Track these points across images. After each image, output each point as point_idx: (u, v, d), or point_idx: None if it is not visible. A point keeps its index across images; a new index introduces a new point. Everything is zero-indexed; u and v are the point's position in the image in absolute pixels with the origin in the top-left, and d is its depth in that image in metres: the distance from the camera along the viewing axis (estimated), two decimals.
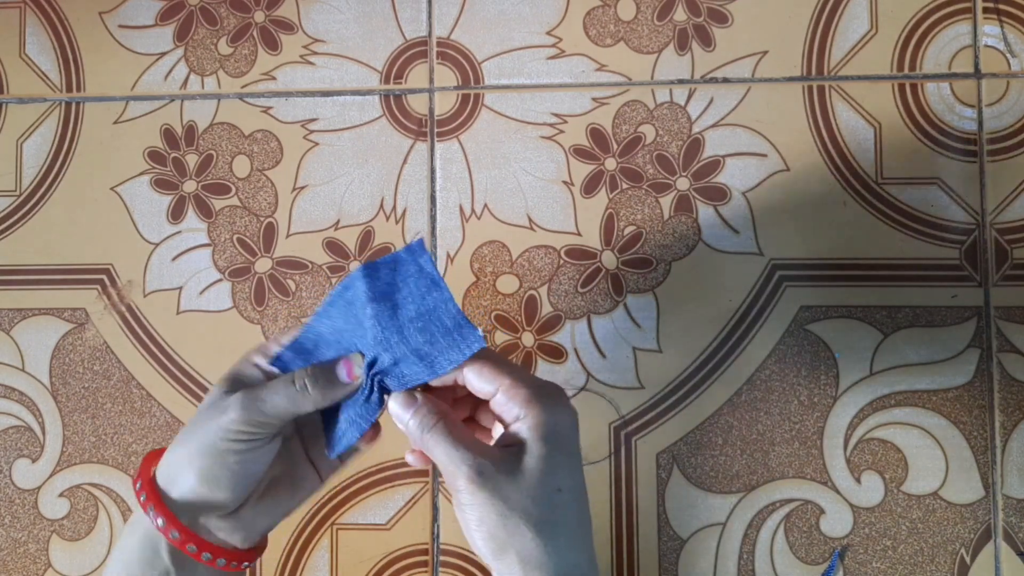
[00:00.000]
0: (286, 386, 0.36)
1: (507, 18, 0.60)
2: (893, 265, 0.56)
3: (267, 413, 0.35)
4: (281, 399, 0.36)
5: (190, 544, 0.35)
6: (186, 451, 0.36)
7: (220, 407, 0.35)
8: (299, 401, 0.36)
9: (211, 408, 0.36)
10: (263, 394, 0.36)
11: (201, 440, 0.35)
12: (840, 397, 0.56)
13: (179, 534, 0.35)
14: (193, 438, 0.36)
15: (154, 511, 0.35)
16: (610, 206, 0.58)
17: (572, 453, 0.35)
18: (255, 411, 0.35)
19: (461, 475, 0.33)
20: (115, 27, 0.62)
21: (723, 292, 0.57)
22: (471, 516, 0.33)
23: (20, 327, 0.61)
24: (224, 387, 0.37)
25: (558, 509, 0.33)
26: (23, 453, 0.60)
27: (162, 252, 0.61)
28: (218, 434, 0.35)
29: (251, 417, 0.35)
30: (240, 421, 0.35)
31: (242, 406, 0.35)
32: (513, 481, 0.33)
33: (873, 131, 0.57)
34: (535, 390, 0.35)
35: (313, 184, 0.60)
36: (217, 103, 0.61)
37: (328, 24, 0.61)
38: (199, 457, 0.35)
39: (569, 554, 0.33)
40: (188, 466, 0.35)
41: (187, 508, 0.36)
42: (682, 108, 0.58)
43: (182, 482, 0.35)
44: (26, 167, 0.62)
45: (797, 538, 0.56)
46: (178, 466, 0.36)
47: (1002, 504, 0.55)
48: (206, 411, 0.36)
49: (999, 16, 0.57)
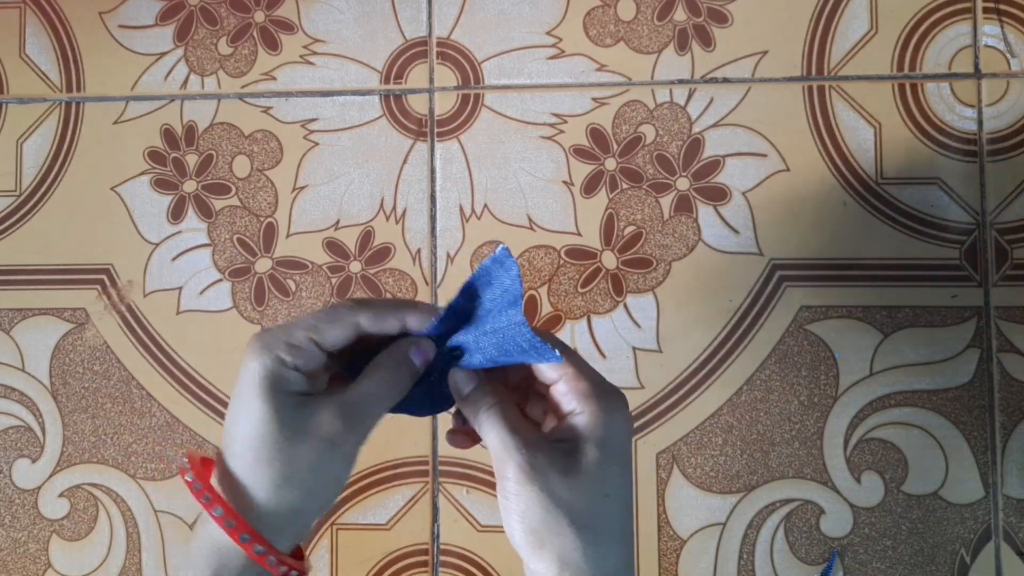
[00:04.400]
0: (379, 386, 0.34)
1: (507, 18, 0.60)
2: (893, 265, 0.56)
3: (370, 424, 0.34)
4: (380, 407, 0.34)
5: (270, 557, 0.32)
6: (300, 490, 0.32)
7: (316, 432, 0.32)
8: (392, 400, 0.35)
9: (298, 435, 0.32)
10: (361, 404, 0.33)
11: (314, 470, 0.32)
12: (840, 397, 0.56)
13: (263, 548, 0.32)
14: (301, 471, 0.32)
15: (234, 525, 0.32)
16: (610, 206, 0.58)
17: (624, 461, 0.34)
18: (362, 429, 0.33)
19: (512, 463, 0.32)
20: (115, 27, 0.62)
21: (723, 292, 0.57)
22: (515, 507, 0.32)
23: (20, 327, 0.61)
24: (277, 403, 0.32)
25: (603, 514, 0.32)
26: (23, 453, 0.60)
27: (162, 252, 0.61)
28: (332, 464, 0.33)
29: (360, 437, 0.33)
30: (353, 442, 0.33)
31: (347, 423, 0.33)
32: (563, 479, 0.32)
33: (873, 131, 0.57)
34: (596, 387, 0.34)
35: (313, 184, 0.60)
36: (217, 103, 0.61)
37: (328, 24, 0.61)
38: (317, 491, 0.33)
39: (608, 562, 0.32)
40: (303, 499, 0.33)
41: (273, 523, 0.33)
42: (682, 108, 0.58)
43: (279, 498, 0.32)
44: (26, 167, 0.62)
45: (797, 538, 0.56)
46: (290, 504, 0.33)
47: (1002, 504, 0.55)
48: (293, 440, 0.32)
49: (999, 16, 0.57)
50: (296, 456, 0.32)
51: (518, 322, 0.33)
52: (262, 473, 0.32)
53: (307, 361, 0.34)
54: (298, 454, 0.32)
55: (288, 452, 0.32)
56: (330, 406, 0.33)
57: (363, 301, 0.36)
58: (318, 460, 0.32)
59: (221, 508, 0.32)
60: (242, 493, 0.32)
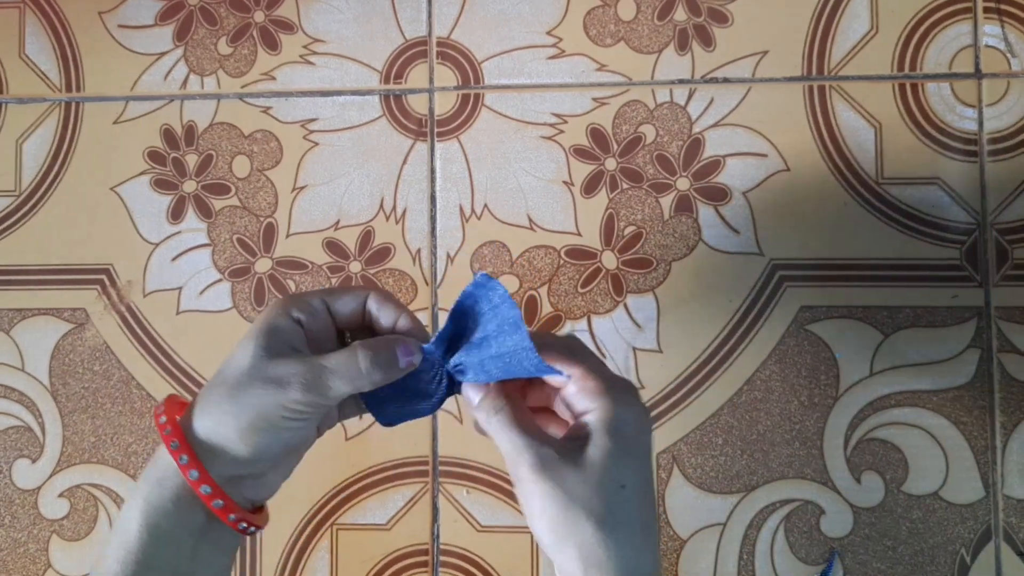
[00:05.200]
0: (348, 366, 0.34)
1: (507, 18, 0.60)
2: (893, 265, 0.56)
3: (330, 396, 0.34)
4: (345, 383, 0.34)
5: (217, 500, 0.34)
6: (236, 422, 0.34)
7: (275, 379, 0.34)
8: (361, 383, 0.35)
9: (260, 376, 0.34)
10: (326, 376, 0.34)
11: (256, 412, 0.33)
12: (840, 397, 0.56)
13: (211, 489, 0.33)
14: (244, 407, 0.34)
15: (188, 461, 0.33)
16: (610, 206, 0.58)
17: (639, 451, 0.34)
18: (319, 394, 0.34)
19: (523, 462, 0.32)
20: (115, 27, 0.62)
21: (723, 292, 0.57)
22: (534, 505, 0.32)
23: (20, 327, 0.61)
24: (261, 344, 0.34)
25: (621, 506, 0.32)
26: (23, 453, 0.60)
27: (162, 252, 0.61)
28: (277, 411, 0.33)
29: (313, 399, 0.34)
30: (303, 402, 0.34)
31: (305, 387, 0.33)
32: (576, 472, 0.32)
33: (873, 131, 0.57)
34: (606, 383, 0.34)
35: (313, 184, 0.60)
36: (217, 103, 0.61)
37: (328, 24, 0.61)
38: (253, 432, 0.34)
39: (631, 553, 0.32)
40: (239, 439, 0.34)
41: (223, 472, 0.34)
42: (682, 108, 0.58)
43: (229, 450, 0.34)
44: (26, 167, 0.62)
45: (797, 538, 0.56)
46: (226, 435, 0.34)
47: (1002, 504, 0.55)
48: (253, 378, 0.34)
49: (1000, 16, 0.57)
50: (249, 391, 0.34)
51: (526, 347, 0.34)
52: (213, 398, 0.34)
53: (312, 318, 0.36)
54: (251, 390, 0.33)
55: (243, 386, 0.34)
56: (299, 362, 0.34)
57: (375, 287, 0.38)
58: (265, 406, 0.33)
59: (178, 442, 0.34)
60: (189, 417, 0.35)
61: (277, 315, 0.36)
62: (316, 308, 0.36)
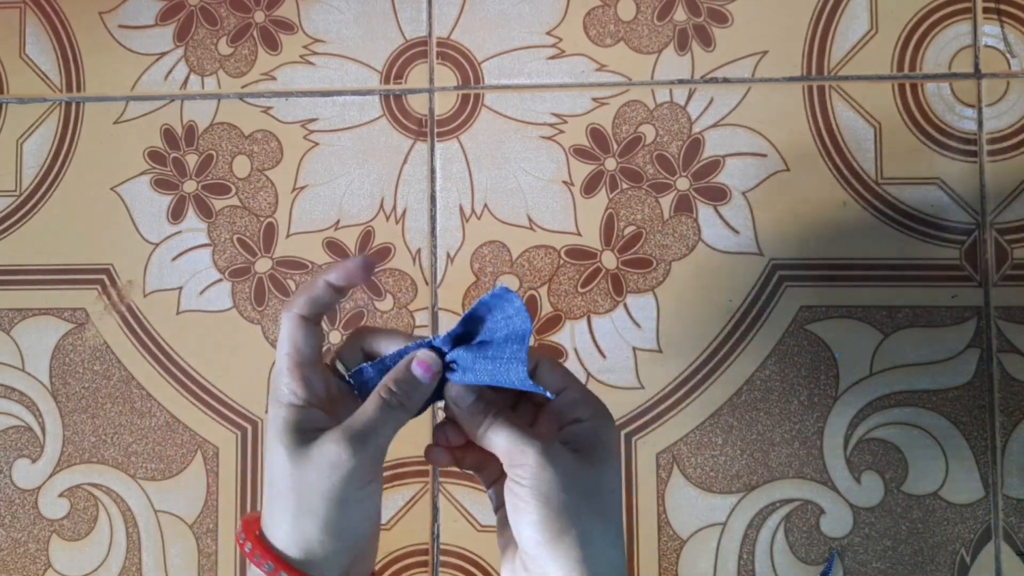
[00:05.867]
0: (384, 410, 0.34)
1: (507, 18, 0.60)
2: (893, 265, 0.56)
3: (380, 444, 0.34)
4: (385, 426, 0.34)
5: None
6: (316, 519, 0.33)
7: (325, 459, 0.32)
8: (402, 419, 0.35)
9: (309, 466, 0.33)
10: (367, 429, 0.33)
11: (328, 500, 0.33)
12: (840, 397, 0.56)
13: None
14: (315, 503, 0.33)
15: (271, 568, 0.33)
16: (610, 206, 0.58)
17: (619, 466, 0.36)
18: (369, 448, 0.33)
19: (530, 452, 0.33)
20: (115, 27, 0.62)
21: (723, 292, 0.57)
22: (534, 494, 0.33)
23: (20, 327, 0.61)
24: (290, 442, 0.33)
25: (613, 507, 0.35)
26: (23, 453, 0.60)
27: (162, 252, 0.61)
28: (343, 485, 0.32)
29: (367, 455, 0.33)
30: (359, 464, 0.33)
31: (354, 449, 0.33)
32: (579, 467, 0.33)
33: (873, 131, 0.57)
34: (595, 400, 0.37)
35: (313, 184, 0.60)
36: (217, 103, 0.61)
37: (328, 24, 0.61)
38: (335, 519, 0.33)
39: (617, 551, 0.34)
40: (327, 535, 0.33)
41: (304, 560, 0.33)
42: (682, 108, 0.58)
43: (322, 552, 0.33)
44: (26, 167, 0.62)
45: (797, 538, 0.56)
46: (312, 538, 0.33)
47: (1002, 504, 0.55)
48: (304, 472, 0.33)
49: (999, 16, 0.57)
50: (308, 484, 0.32)
51: (520, 359, 0.34)
52: (280, 506, 0.33)
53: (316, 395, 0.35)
54: (309, 482, 0.32)
55: (300, 481, 0.33)
56: (335, 433, 0.33)
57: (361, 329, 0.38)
58: (329, 487, 0.32)
59: (272, 563, 0.33)
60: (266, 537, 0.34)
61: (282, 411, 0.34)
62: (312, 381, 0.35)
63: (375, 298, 0.59)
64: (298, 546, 0.33)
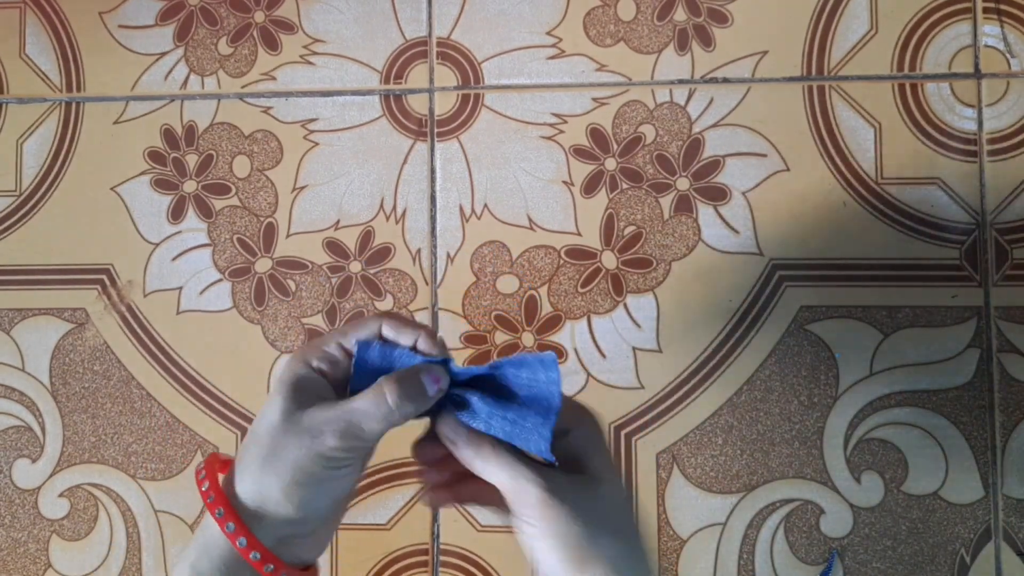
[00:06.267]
0: (377, 404, 0.33)
1: (507, 18, 0.60)
2: (893, 265, 0.56)
3: (366, 437, 0.33)
4: (377, 422, 0.33)
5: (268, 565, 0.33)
6: (279, 480, 0.33)
7: (308, 430, 0.33)
8: (393, 419, 0.34)
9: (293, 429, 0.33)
10: (358, 419, 0.33)
11: (296, 468, 0.33)
12: (840, 397, 0.56)
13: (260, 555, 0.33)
14: (284, 465, 0.33)
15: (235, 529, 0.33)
16: (610, 206, 0.58)
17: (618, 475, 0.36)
18: (353, 436, 0.33)
19: (532, 492, 0.32)
20: (115, 27, 0.62)
21: (723, 292, 0.57)
22: (548, 532, 0.32)
23: (20, 327, 0.61)
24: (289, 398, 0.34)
25: (626, 517, 0.34)
26: (23, 453, 0.60)
27: (162, 252, 0.61)
28: (316, 462, 0.33)
29: (350, 443, 0.33)
30: (339, 448, 0.33)
31: (340, 433, 0.33)
32: (585, 492, 0.33)
33: (873, 131, 0.57)
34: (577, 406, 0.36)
35: (313, 184, 0.60)
36: (217, 103, 0.61)
37: (328, 24, 0.61)
38: (297, 488, 0.33)
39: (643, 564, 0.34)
40: (284, 497, 0.33)
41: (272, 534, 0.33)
42: (682, 108, 0.58)
43: (276, 511, 0.33)
44: (26, 167, 0.62)
45: (797, 538, 0.56)
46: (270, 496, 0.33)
47: (1002, 504, 0.55)
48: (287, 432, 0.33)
49: (999, 16, 0.57)
50: (285, 446, 0.33)
51: (543, 436, 0.34)
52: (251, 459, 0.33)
53: (334, 366, 0.35)
54: (287, 445, 0.33)
55: (278, 443, 0.33)
56: (328, 411, 0.33)
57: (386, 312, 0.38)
58: (303, 459, 0.33)
59: (223, 509, 0.33)
60: (231, 481, 0.34)
61: (297, 368, 0.35)
62: (334, 354, 0.36)
63: (375, 298, 0.59)
64: (254, 498, 0.33)
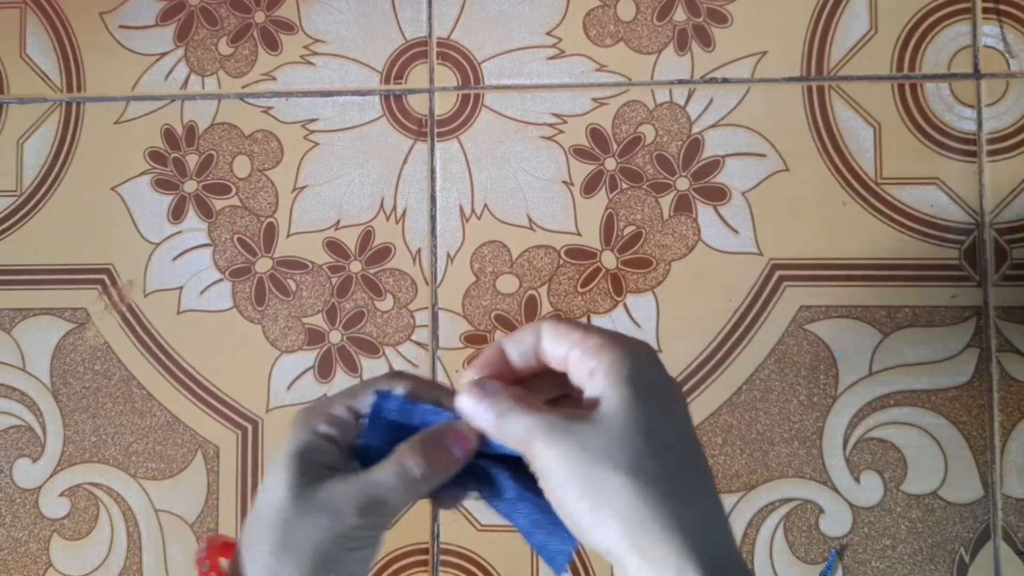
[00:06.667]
0: (399, 476, 0.30)
1: (507, 18, 0.60)
2: (893, 265, 0.57)
3: (390, 513, 0.31)
4: (401, 495, 0.30)
5: None
6: (297, 569, 0.29)
7: (325, 508, 0.30)
8: (420, 490, 0.31)
9: (306, 508, 0.30)
10: (380, 492, 0.30)
11: (316, 553, 0.29)
12: (839, 397, 0.56)
13: None
14: (301, 552, 0.30)
15: None
16: (610, 206, 0.58)
17: (660, 389, 0.29)
18: (376, 513, 0.30)
19: (535, 436, 0.28)
20: (115, 27, 0.62)
21: (723, 292, 0.57)
22: (555, 477, 0.28)
23: (20, 327, 0.61)
24: (295, 470, 0.30)
25: (654, 454, 0.27)
26: (24, 453, 0.60)
27: (162, 252, 0.61)
28: (336, 544, 0.30)
29: (375, 521, 0.30)
30: (364, 526, 0.30)
31: (361, 510, 0.30)
32: (591, 428, 0.28)
33: (872, 131, 0.57)
34: (609, 338, 0.30)
35: (313, 184, 0.60)
36: (217, 103, 0.61)
37: (328, 24, 0.61)
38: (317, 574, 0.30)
39: (684, 509, 0.27)
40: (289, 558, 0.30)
41: None
42: (682, 108, 0.59)
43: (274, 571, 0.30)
44: (26, 167, 0.62)
45: (796, 537, 0.56)
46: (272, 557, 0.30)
47: (1001, 504, 0.55)
48: (299, 512, 0.30)
49: (999, 16, 0.57)
50: (300, 528, 0.30)
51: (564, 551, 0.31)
52: (261, 544, 0.30)
53: (343, 431, 0.32)
54: (302, 527, 0.30)
55: (291, 525, 0.30)
56: (346, 486, 0.30)
57: (401, 373, 0.34)
58: (324, 543, 0.29)
59: None
60: (239, 571, 0.31)
61: (302, 434, 0.31)
62: (343, 417, 0.32)
63: (375, 298, 0.59)
64: None
